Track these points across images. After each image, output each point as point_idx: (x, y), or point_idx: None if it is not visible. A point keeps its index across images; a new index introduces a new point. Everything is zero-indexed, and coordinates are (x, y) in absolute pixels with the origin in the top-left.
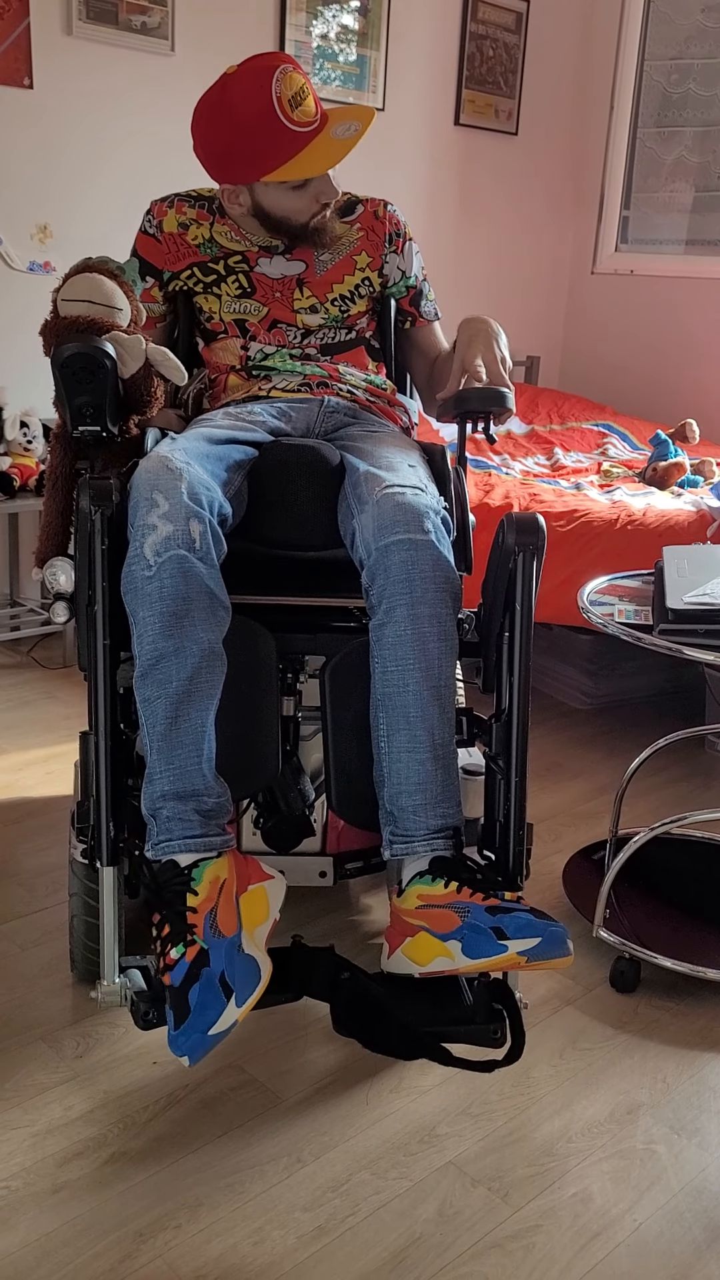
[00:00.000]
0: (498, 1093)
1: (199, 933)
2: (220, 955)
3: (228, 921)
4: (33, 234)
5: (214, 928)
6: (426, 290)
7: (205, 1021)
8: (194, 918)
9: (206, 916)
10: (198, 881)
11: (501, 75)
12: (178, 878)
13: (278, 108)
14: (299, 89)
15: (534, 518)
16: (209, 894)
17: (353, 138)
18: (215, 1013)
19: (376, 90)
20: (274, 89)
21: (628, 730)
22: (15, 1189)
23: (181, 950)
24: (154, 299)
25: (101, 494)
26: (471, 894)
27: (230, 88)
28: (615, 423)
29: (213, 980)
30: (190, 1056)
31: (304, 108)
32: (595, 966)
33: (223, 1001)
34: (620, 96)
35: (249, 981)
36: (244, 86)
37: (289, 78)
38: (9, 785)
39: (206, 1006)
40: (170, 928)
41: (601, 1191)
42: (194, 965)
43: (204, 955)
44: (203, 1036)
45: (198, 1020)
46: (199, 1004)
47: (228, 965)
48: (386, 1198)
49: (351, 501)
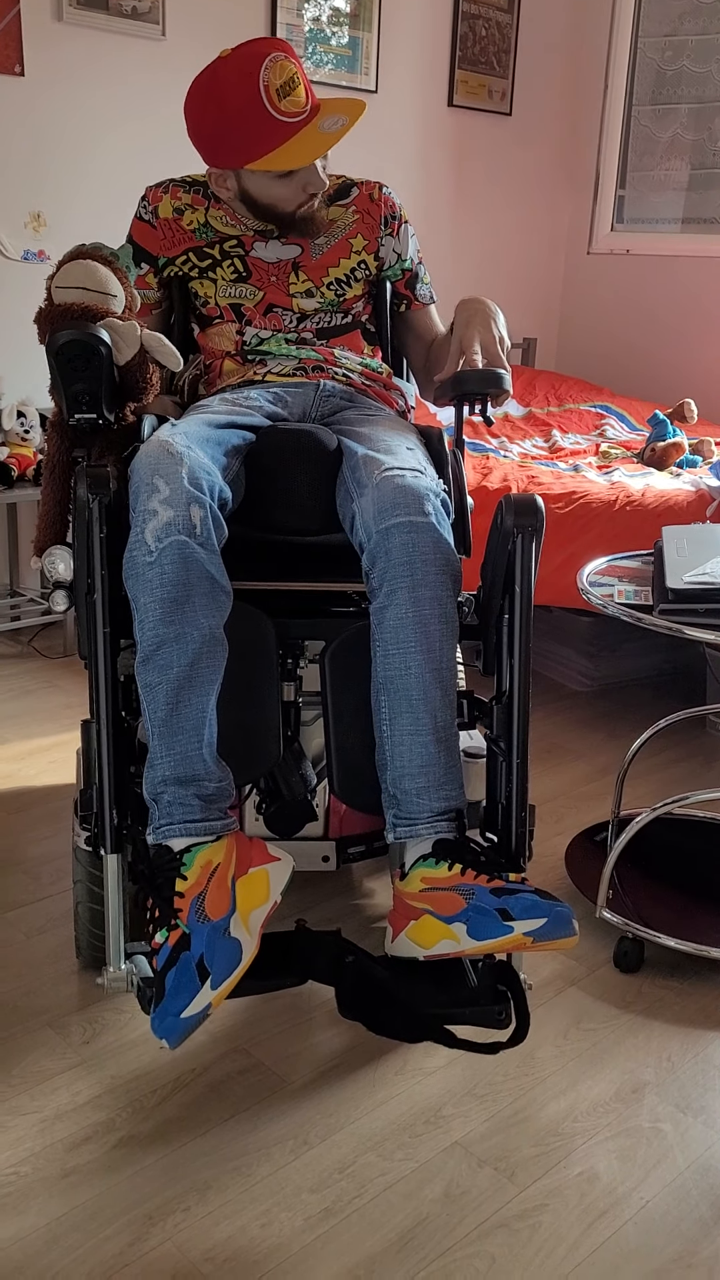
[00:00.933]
0: (503, 1074)
1: (183, 917)
2: (201, 939)
3: (217, 905)
4: (26, 222)
5: (200, 912)
6: (422, 273)
7: (178, 1005)
8: (180, 902)
9: (193, 901)
10: (188, 866)
11: (494, 55)
12: (169, 863)
13: (265, 97)
14: (289, 78)
15: (532, 499)
16: (198, 879)
17: (339, 131)
18: (188, 996)
19: (369, 73)
20: (262, 77)
21: (628, 711)
22: (25, 1174)
23: (165, 935)
24: (149, 285)
25: (98, 481)
26: (476, 876)
27: (220, 73)
28: (613, 404)
29: (189, 964)
30: (169, 1039)
31: (293, 97)
32: (599, 947)
33: (196, 985)
34: (614, 74)
35: (227, 965)
36: (233, 73)
37: (279, 66)
38: (12, 774)
39: (180, 990)
40: (160, 912)
41: (608, 1170)
42: (175, 949)
43: (185, 939)
44: (176, 1020)
45: (171, 1003)
46: (173, 988)
47: (207, 949)
48: (393, 1179)
49: (350, 485)
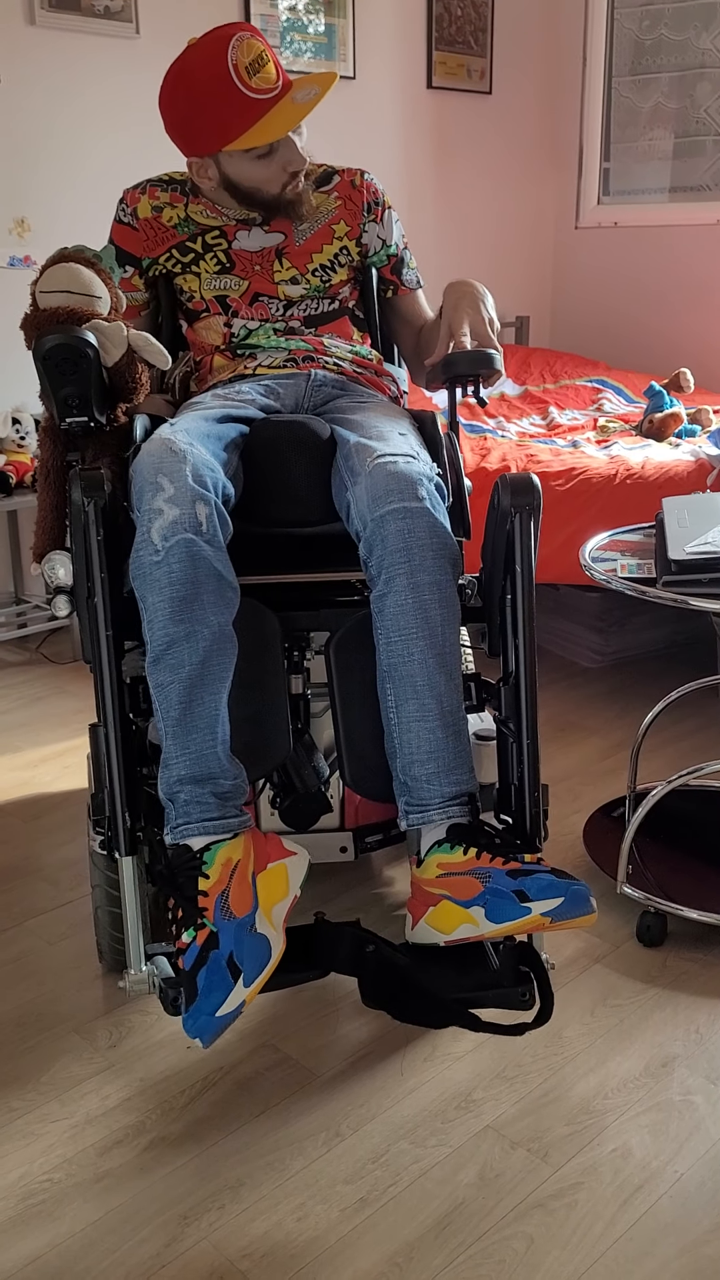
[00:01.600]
0: (531, 1054)
1: (209, 915)
2: (229, 937)
3: (240, 902)
4: (10, 229)
5: (225, 909)
6: (408, 259)
7: (212, 1004)
8: (205, 901)
9: (218, 899)
10: (209, 865)
11: (471, 34)
12: (190, 862)
13: (234, 75)
14: (257, 55)
15: (528, 478)
16: (220, 876)
17: (312, 101)
18: (222, 994)
19: (346, 59)
20: (230, 56)
21: (640, 685)
22: (58, 1180)
23: (192, 934)
24: (135, 287)
25: (93, 484)
26: (491, 859)
27: (188, 60)
28: (609, 377)
29: (220, 962)
30: (202, 1038)
31: (263, 74)
32: (621, 923)
33: (229, 983)
34: (592, 47)
35: (258, 961)
36: (201, 56)
37: (246, 44)
38: (26, 782)
39: (213, 989)
40: (183, 912)
41: (641, 1145)
42: (204, 948)
43: (214, 938)
44: (210, 1019)
45: (204, 1003)
46: (205, 986)
47: (236, 946)
48: (427, 1165)
49: (344, 474)
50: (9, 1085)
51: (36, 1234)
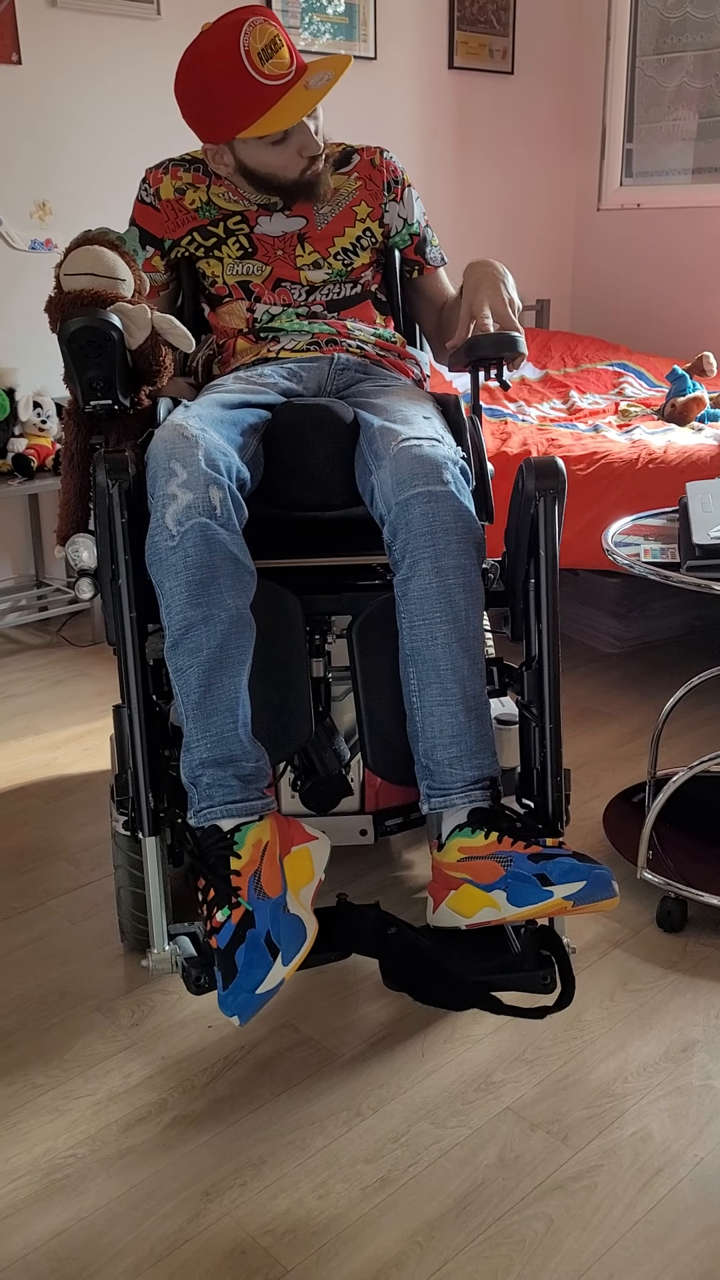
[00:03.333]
0: (551, 1038)
1: (243, 894)
2: (265, 915)
3: (272, 882)
4: (32, 212)
5: (258, 889)
6: (430, 236)
7: (252, 981)
8: (238, 880)
9: (251, 879)
10: (240, 845)
11: (494, 14)
12: (220, 842)
13: (246, 61)
14: (270, 40)
15: (553, 461)
16: (252, 856)
17: (324, 87)
18: (262, 972)
19: (367, 39)
20: (242, 43)
21: (660, 671)
22: (82, 1156)
23: (227, 913)
24: (155, 268)
25: (118, 467)
26: (513, 843)
27: (202, 47)
28: (630, 361)
29: (258, 940)
30: (240, 1016)
31: (276, 60)
32: (641, 908)
33: (269, 961)
34: (616, 25)
35: (295, 940)
36: (214, 43)
37: (259, 30)
38: (47, 763)
39: (253, 966)
40: (215, 891)
41: (661, 1129)
42: (239, 927)
43: (249, 917)
44: (250, 996)
45: (245, 980)
46: (245, 964)
47: (273, 925)
48: (447, 1146)
49: (368, 458)
50: (33, 1062)
51: (61, 1208)
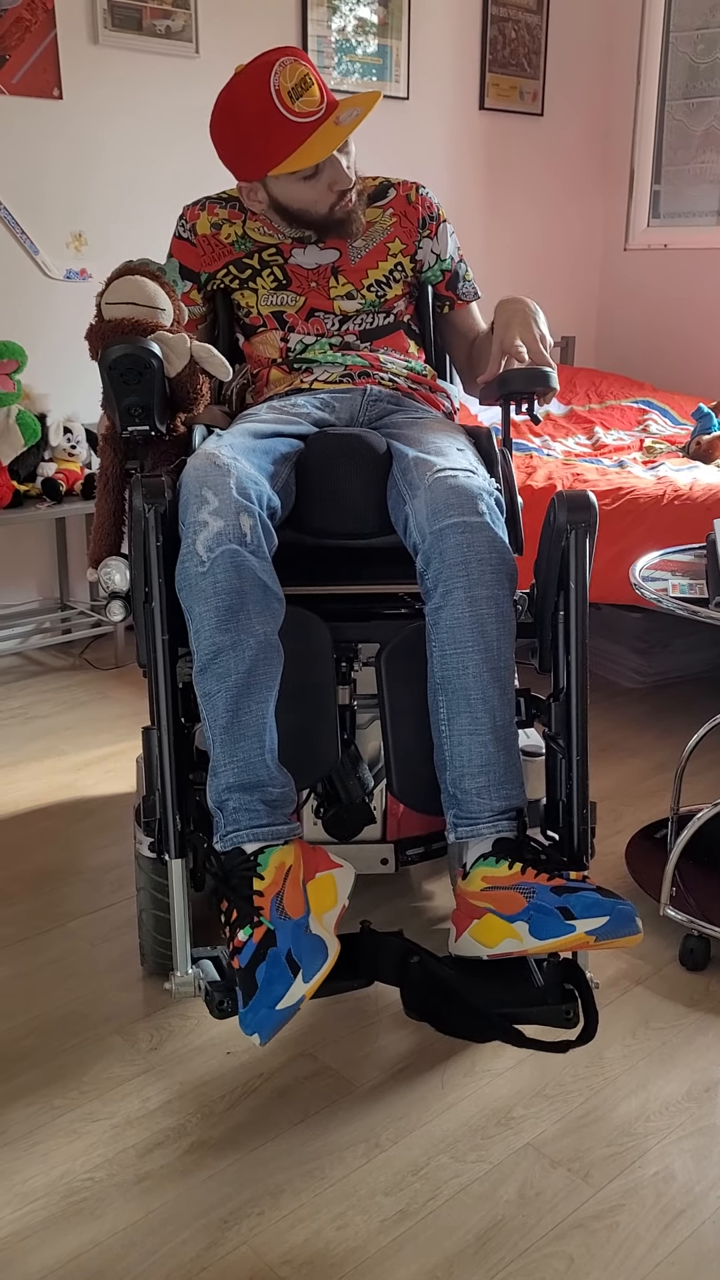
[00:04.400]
0: (572, 1074)
1: (265, 914)
2: (286, 935)
3: (294, 904)
4: (68, 242)
5: (280, 909)
6: (463, 271)
7: (272, 997)
8: (260, 901)
9: (273, 899)
10: (264, 866)
11: (525, 57)
12: (244, 864)
13: (277, 100)
14: (300, 79)
15: (585, 495)
16: (275, 878)
17: (354, 122)
18: (282, 988)
19: (400, 80)
20: (273, 83)
21: (682, 708)
22: (100, 1180)
23: (249, 932)
24: (193, 301)
25: (154, 491)
26: (536, 874)
27: (234, 87)
28: (655, 398)
29: (279, 958)
30: (260, 1034)
31: (307, 97)
32: (664, 945)
33: (289, 977)
34: (646, 70)
35: (316, 958)
36: (246, 83)
37: (289, 69)
38: (69, 785)
39: (273, 982)
40: (238, 912)
41: (683, 1169)
42: (261, 945)
43: (270, 936)
44: (270, 1012)
45: (265, 996)
46: (266, 980)
47: (294, 944)
48: (466, 1180)
49: (402, 488)
50: (52, 1083)
51: (78, 1232)
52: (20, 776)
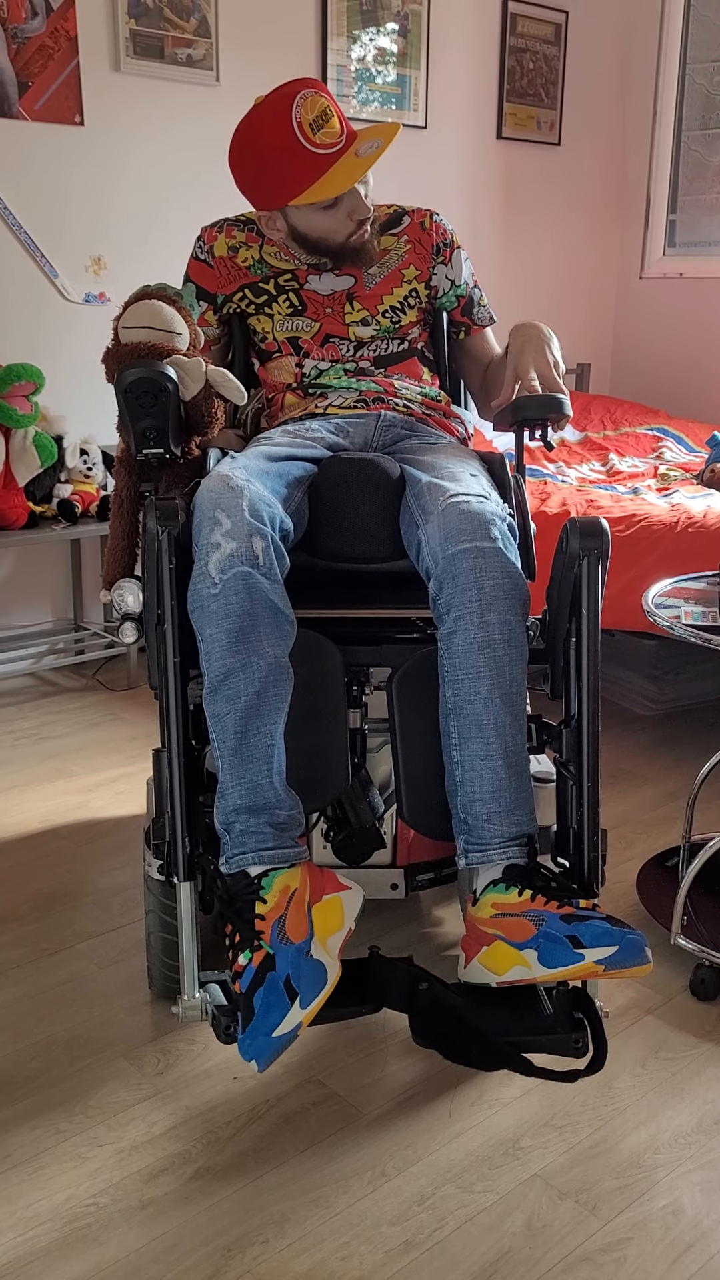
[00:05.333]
0: (580, 1104)
1: (266, 938)
2: (286, 960)
3: (297, 928)
4: (87, 266)
5: (281, 934)
6: (478, 297)
7: (268, 1024)
8: (262, 924)
9: (275, 923)
10: (267, 890)
11: (542, 87)
12: (248, 887)
13: (299, 132)
14: (321, 111)
15: (598, 522)
16: (278, 902)
17: (374, 154)
18: (279, 1015)
19: (418, 109)
20: (294, 114)
21: (695, 735)
22: (104, 1205)
23: (248, 956)
24: (208, 323)
25: (168, 514)
26: (546, 902)
27: (254, 118)
28: (670, 426)
29: (277, 984)
30: (258, 1060)
31: (327, 129)
32: (674, 975)
33: (286, 1004)
34: (663, 101)
35: (314, 984)
36: (267, 114)
37: (310, 101)
38: (79, 806)
39: (270, 1009)
40: (240, 936)
41: (693, 1203)
42: (260, 970)
43: (270, 960)
44: (267, 1039)
45: (261, 1022)
46: (263, 1006)
47: (293, 969)
48: (473, 1211)
49: (415, 513)
50: (57, 1107)
51: (81, 1258)
52: (31, 797)
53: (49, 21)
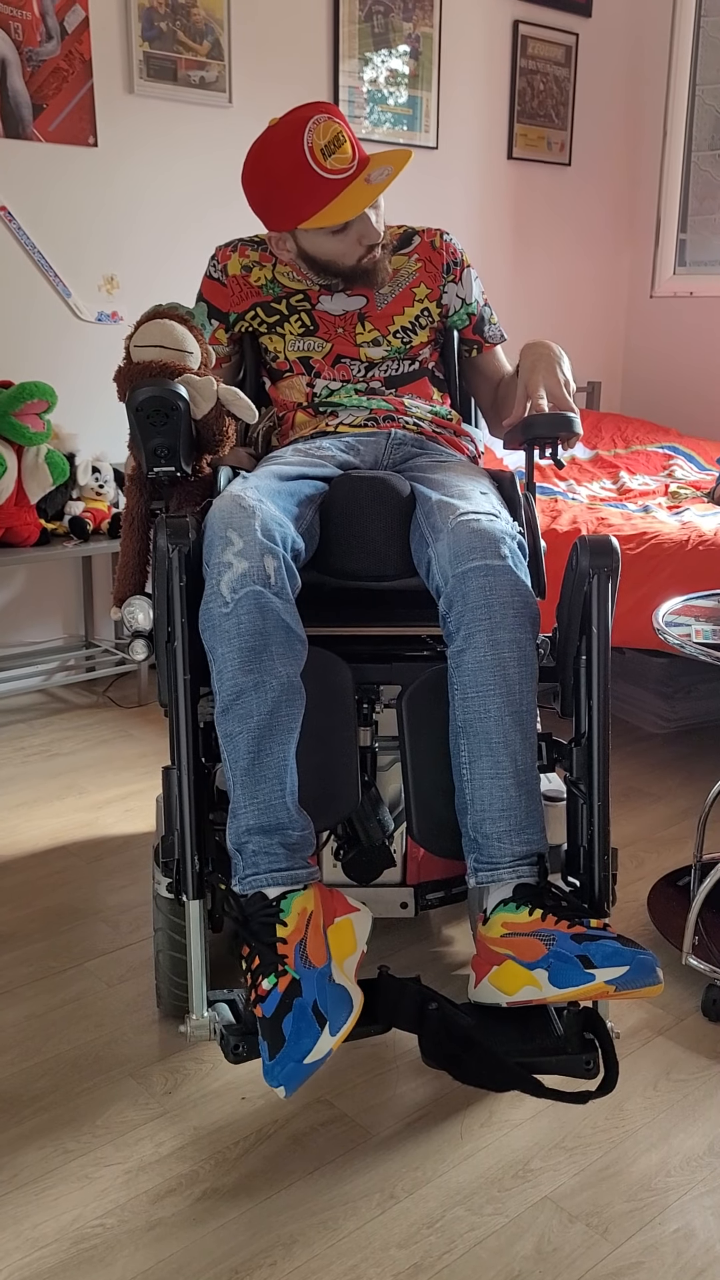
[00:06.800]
0: (591, 1126)
1: (290, 963)
2: (312, 985)
3: (317, 952)
4: (100, 285)
5: (304, 958)
6: (488, 315)
7: (300, 1050)
8: (284, 948)
9: (297, 947)
10: (286, 913)
11: (553, 108)
12: (266, 909)
13: (310, 157)
14: (333, 137)
15: (608, 540)
16: (298, 925)
17: (384, 181)
18: (310, 1041)
19: (429, 130)
20: (306, 139)
21: (706, 754)
22: (111, 1226)
23: (273, 981)
24: (220, 341)
25: (178, 532)
26: (556, 921)
27: (267, 141)
28: (680, 444)
29: (306, 1009)
30: (287, 1087)
31: (339, 155)
32: (686, 995)
33: (316, 1030)
34: (673, 121)
35: (342, 1010)
36: (279, 138)
37: (323, 127)
38: (89, 823)
39: (301, 1035)
40: (260, 959)
41: (705, 1227)
42: (286, 995)
43: (296, 985)
44: (298, 1065)
45: (293, 1049)
46: (294, 1033)
47: (320, 994)
48: (482, 1234)
49: (425, 531)
50: (65, 1126)
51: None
52: (41, 814)
53: (64, 44)
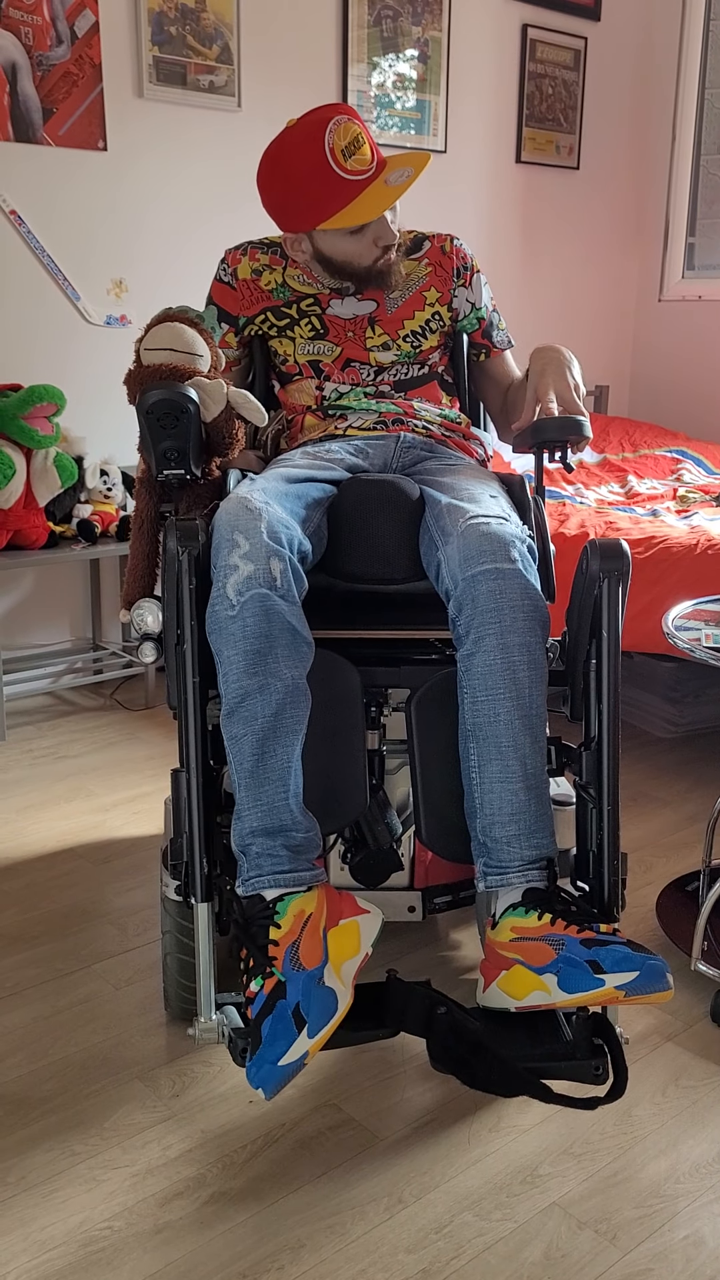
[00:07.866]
0: (600, 1132)
1: (278, 965)
2: (297, 987)
3: (310, 954)
4: (108, 289)
5: (294, 960)
6: (497, 320)
7: (275, 1053)
8: (275, 950)
9: (288, 950)
10: (281, 915)
11: (561, 112)
12: (263, 911)
13: (330, 158)
14: (353, 138)
15: (618, 543)
16: (292, 927)
17: (405, 183)
18: (285, 1044)
19: (438, 134)
20: (327, 140)
21: (715, 758)
22: (118, 1229)
23: (260, 983)
24: (229, 344)
25: (188, 534)
26: (566, 926)
27: (286, 141)
28: (689, 448)
29: (285, 1012)
30: (264, 1089)
31: (359, 156)
32: (695, 1000)
33: (293, 1033)
34: (682, 125)
35: (324, 1013)
36: (299, 138)
37: (343, 128)
38: (96, 826)
39: (276, 1038)
40: (253, 961)
41: (714, 1234)
42: (270, 997)
43: (281, 987)
44: (273, 1068)
45: (267, 1051)
46: (269, 1035)
47: (303, 998)
48: (491, 1240)
49: (435, 534)
50: (73, 1129)
51: None
52: (49, 816)
53: (74, 49)
